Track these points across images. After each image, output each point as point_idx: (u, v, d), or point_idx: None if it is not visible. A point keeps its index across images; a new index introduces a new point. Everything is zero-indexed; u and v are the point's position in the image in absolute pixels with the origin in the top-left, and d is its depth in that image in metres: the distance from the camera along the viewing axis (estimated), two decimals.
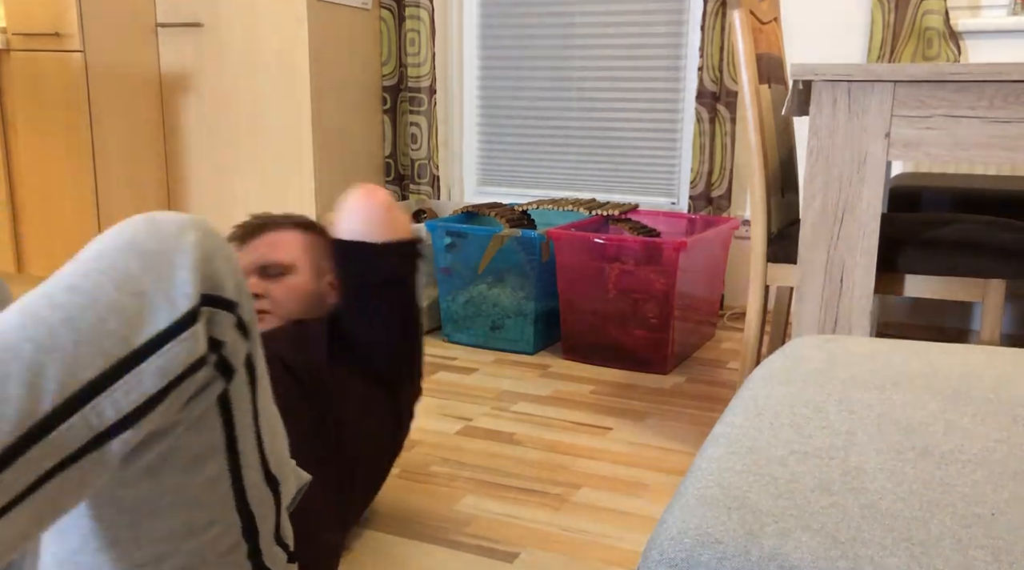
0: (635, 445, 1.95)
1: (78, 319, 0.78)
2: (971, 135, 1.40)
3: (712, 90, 2.89)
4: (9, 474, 0.72)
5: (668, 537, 0.69)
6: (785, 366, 1.04)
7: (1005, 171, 2.67)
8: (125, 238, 0.84)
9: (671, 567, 0.67)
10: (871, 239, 1.50)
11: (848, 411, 0.88)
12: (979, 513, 0.68)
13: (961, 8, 2.72)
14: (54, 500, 0.76)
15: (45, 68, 2.90)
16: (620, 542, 1.54)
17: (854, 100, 1.46)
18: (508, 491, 1.73)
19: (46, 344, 0.76)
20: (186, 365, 0.81)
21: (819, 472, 0.75)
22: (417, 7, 3.24)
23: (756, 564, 0.65)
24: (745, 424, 0.87)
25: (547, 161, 3.37)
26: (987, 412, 0.87)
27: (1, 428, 0.72)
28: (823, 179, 1.50)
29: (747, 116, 1.71)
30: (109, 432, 0.77)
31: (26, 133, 2.99)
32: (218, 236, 0.88)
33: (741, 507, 0.71)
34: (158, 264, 0.82)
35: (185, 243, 0.84)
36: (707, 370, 2.50)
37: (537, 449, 1.93)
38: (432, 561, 1.47)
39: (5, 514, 0.73)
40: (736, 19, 1.67)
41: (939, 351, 1.08)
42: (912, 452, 0.78)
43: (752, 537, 0.67)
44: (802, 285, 1.55)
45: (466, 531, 1.57)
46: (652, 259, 2.39)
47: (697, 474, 0.78)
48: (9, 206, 3.10)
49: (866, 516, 0.69)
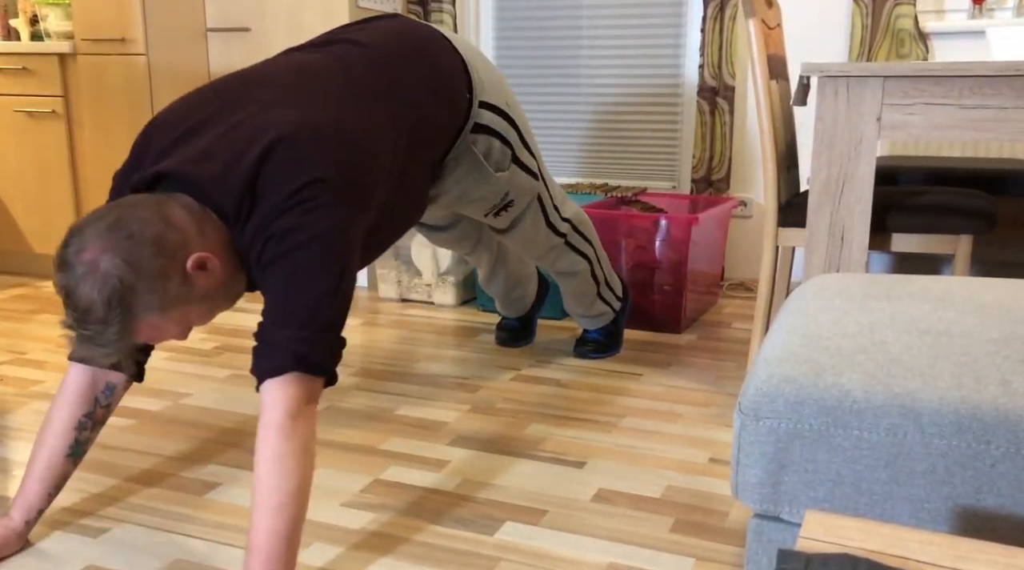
0: (664, 386, 2.31)
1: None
2: (946, 119, 1.76)
3: (712, 85, 3.25)
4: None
5: (759, 380, 1.04)
6: (813, 291, 1.39)
7: (968, 152, 3.06)
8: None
9: (763, 395, 1.02)
10: (866, 204, 1.86)
11: (867, 312, 1.23)
12: (965, 360, 1.04)
13: (928, 12, 3.09)
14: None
15: (111, 70, 3.21)
16: (666, 454, 1.89)
17: (851, 92, 1.81)
18: (566, 420, 2.07)
19: None
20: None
21: (855, 343, 1.11)
22: (440, 11, 3.57)
23: (822, 390, 1.00)
24: (795, 321, 1.22)
25: (560, 150, 3.72)
26: (965, 310, 1.23)
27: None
28: (827, 156, 1.86)
29: (760, 106, 2.06)
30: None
31: (91, 130, 3.29)
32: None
33: (806, 361, 1.06)
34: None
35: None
36: (715, 330, 2.86)
37: (582, 390, 2.28)
38: (518, 468, 1.82)
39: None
40: (751, 26, 2.02)
41: (926, 279, 1.43)
42: (917, 331, 1.14)
43: (817, 376, 1.02)
44: (810, 242, 1.91)
45: (539, 447, 1.92)
46: (668, 233, 2.74)
47: (769, 348, 1.13)
48: (73, 196, 3.39)
49: (891, 363, 1.04)
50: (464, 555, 1.49)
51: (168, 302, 1.31)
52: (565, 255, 2.29)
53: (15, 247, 3.57)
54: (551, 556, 1.49)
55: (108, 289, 1.25)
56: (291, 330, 1.33)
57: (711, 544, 1.53)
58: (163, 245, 1.29)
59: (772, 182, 2.08)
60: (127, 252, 1.26)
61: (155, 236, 1.29)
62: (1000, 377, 0.99)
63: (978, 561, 0.69)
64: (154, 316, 1.31)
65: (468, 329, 2.85)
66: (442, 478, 1.78)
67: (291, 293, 1.34)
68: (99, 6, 3.18)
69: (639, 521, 1.60)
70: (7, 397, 2.24)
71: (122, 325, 1.28)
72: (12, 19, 3.64)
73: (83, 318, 1.26)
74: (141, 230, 1.28)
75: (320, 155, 1.38)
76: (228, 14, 3.36)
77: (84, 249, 1.26)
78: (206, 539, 1.55)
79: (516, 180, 2.01)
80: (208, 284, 1.37)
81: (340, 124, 1.45)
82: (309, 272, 1.34)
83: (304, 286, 1.33)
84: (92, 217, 1.30)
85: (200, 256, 1.33)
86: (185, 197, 1.36)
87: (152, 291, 1.29)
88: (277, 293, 1.34)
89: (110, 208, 1.31)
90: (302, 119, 1.41)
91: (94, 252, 1.26)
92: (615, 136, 3.61)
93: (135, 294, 1.27)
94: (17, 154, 3.45)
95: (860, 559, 0.68)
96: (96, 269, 1.25)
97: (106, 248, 1.26)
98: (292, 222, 1.33)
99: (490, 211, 2.06)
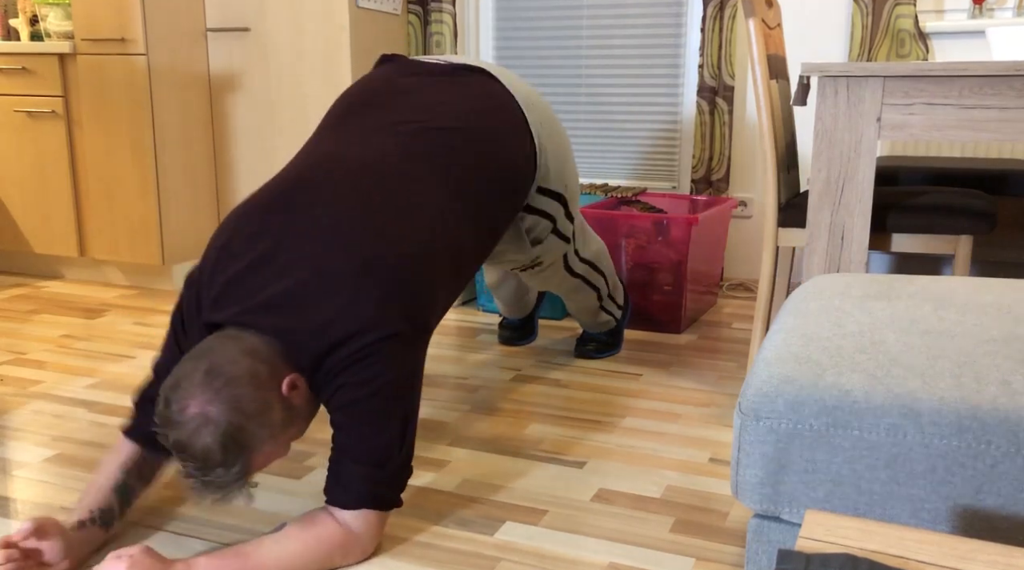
0: (664, 386, 2.31)
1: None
2: (945, 119, 1.76)
3: (711, 85, 3.25)
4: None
5: (759, 380, 1.04)
6: (812, 291, 1.39)
7: (968, 152, 3.06)
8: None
9: (763, 395, 1.02)
10: (866, 204, 1.86)
11: (866, 312, 1.23)
12: (965, 360, 1.04)
13: (928, 12, 3.09)
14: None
15: (111, 70, 3.20)
16: (666, 454, 1.89)
17: (852, 92, 1.81)
18: (565, 420, 2.07)
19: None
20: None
21: (855, 343, 1.11)
22: (440, 12, 3.57)
23: (822, 390, 1.00)
24: (794, 322, 1.22)
25: None
26: (965, 310, 1.23)
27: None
28: (827, 156, 1.86)
29: (760, 106, 2.06)
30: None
31: (91, 129, 3.28)
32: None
33: (806, 362, 1.06)
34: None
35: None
36: (714, 329, 2.86)
37: (582, 390, 2.28)
38: (517, 467, 1.82)
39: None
40: (751, 26, 2.02)
41: (926, 279, 1.43)
42: (916, 331, 1.14)
43: (817, 376, 1.02)
44: (811, 242, 1.91)
45: (539, 447, 1.92)
46: (668, 233, 2.74)
47: (769, 348, 1.13)
48: (73, 196, 3.39)
49: (891, 363, 1.04)
50: (464, 555, 1.49)
51: (276, 430, 1.38)
52: (577, 289, 2.33)
53: (15, 247, 3.57)
54: (551, 556, 1.49)
55: (221, 435, 1.30)
56: (366, 469, 1.43)
57: (711, 544, 1.53)
58: (259, 379, 1.35)
59: (772, 182, 2.08)
60: (229, 396, 1.32)
61: (249, 373, 1.34)
62: (1000, 377, 0.99)
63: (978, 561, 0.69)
64: (268, 447, 1.38)
65: (468, 329, 2.85)
66: (442, 478, 1.78)
67: (364, 436, 1.42)
68: (99, 6, 3.17)
69: (639, 521, 1.60)
70: (7, 397, 2.24)
71: (241, 463, 1.34)
72: (12, 19, 3.64)
73: (204, 467, 1.31)
74: (234, 372, 1.33)
75: (391, 304, 1.42)
76: (228, 14, 3.36)
77: (187, 406, 1.31)
78: (206, 539, 1.55)
79: (549, 246, 2.06)
80: (303, 401, 1.43)
81: (408, 256, 1.47)
82: (381, 416, 1.42)
83: (376, 431, 1.42)
84: (184, 371, 1.34)
85: (292, 378, 1.39)
86: (258, 333, 1.41)
87: (261, 426, 1.35)
88: (350, 432, 1.43)
89: (196, 357, 1.35)
90: (371, 262, 1.43)
91: (199, 406, 1.31)
92: (615, 136, 3.61)
93: (247, 433, 1.33)
94: (17, 154, 3.45)
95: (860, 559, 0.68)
96: (207, 421, 1.30)
97: (210, 399, 1.31)
98: (364, 374, 1.40)
99: (516, 267, 2.12)
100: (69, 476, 1.79)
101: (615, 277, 2.47)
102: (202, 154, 3.45)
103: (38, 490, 1.73)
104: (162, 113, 3.24)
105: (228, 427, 1.30)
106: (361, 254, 1.43)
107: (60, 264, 3.60)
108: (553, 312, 2.96)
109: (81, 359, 2.54)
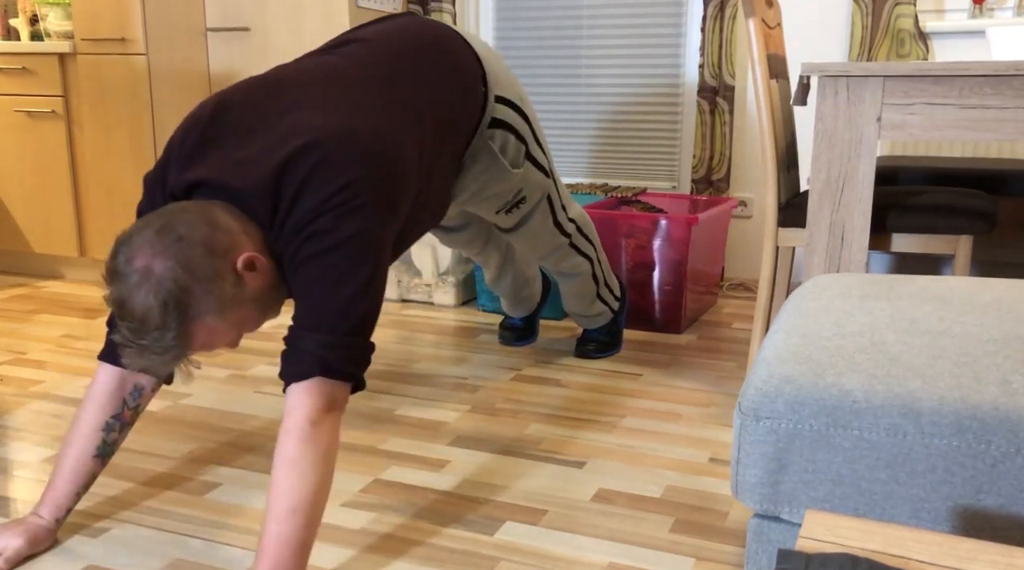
0: (664, 386, 2.31)
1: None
2: (945, 119, 1.76)
3: (712, 85, 3.25)
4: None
5: (759, 380, 1.04)
6: (813, 291, 1.39)
7: (968, 152, 3.06)
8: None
9: (763, 395, 1.02)
10: (866, 204, 1.86)
11: (867, 312, 1.23)
12: (965, 360, 1.04)
13: (928, 12, 3.09)
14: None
15: (111, 70, 3.20)
16: (667, 453, 1.89)
17: (852, 91, 1.81)
18: (565, 420, 2.07)
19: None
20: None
21: (855, 343, 1.11)
22: (440, 12, 3.57)
23: (822, 390, 1.00)
24: (795, 322, 1.22)
25: (560, 150, 3.72)
26: (965, 310, 1.23)
27: None
28: (827, 156, 1.86)
29: (760, 106, 2.06)
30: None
31: (91, 129, 3.28)
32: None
33: (806, 362, 1.06)
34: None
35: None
36: (714, 330, 2.86)
37: (582, 390, 2.27)
38: (517, 467, 1.82)
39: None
40: (751, 26, 2.02)
41: (926, 279, 1.43)
42: (916, 331, 1.14)
43: (817, 376, 1.02)
44: (811, 242, 1.91)
45: (539, 447, 1.92)
46: (668, 233, 2.74)
47: (769, 348, 1.13)
48: (73, 196, 3.39)
49: (890, 363, 1.04)
50: (464, 555, 1.49)
51: (224, 303, 1.31)
52: (569, 256, 2.30)
53: (15, 247, 3.57)
54: (551, 556, 1.49)
55: (164, 293, 1.25)
56: (319, 335, 1.33)
57: (711, 544, 1.53)
58: (213, 246, 1.29)
59: (772, 182, 2.08)
60: (179, 255, 1.26)
61: (204, 238, 1.29)
62: (1000, 377, 0.99)
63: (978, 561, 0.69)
64: (211, 319, 1.31)
65: (468, 329, 2.85)
66: (442, 478, 1.78)
67: (320, 296, 1.34)
68: (99, 6, 3.17)
69: (639, 521, 1.60)
70: (7, 397, 2.24)
71: (180, 329, 1.28)
72: (12, 19, 3.64)
73: (140, 327, 1.26)
74: (190, 233, 1.28)
75: (353, 159, 1.38)
76: (228, 14, 3.36)
77: (134, 257, 1.26)
78: (206, 539, 1.55)
79: (529, 176, 2.03)
80: (259, 285, 1.37)
81: (371, 128, 1.45)
82: (339, 274, 1.34)
83: (333, 288, 1.34)
84: (137, 226, 1.30)
85: (249, 255, 1.34)
86: (224, 203, 1.37)
87: (208, 292, 1.29)
88: (307, 295, 1.35)
89: (154, 216, 1.31)
90: (333, 123, 1.41)
91: (145, 258, 1.25)
92: (615, 136, 3.60)
93: (191, 296, 1.27)
94: (17, 154, 3.45)
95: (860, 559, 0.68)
96: (150, 274, 1.25)
97: (157, 253, 1.25)
98: (326, 224, 1.34)
99: (502, 208, 2.07)
100: None
101: (604, 255, 2.46)
102: None
103: (38, 490, 1.73)
104: (162, 113, 3.24)
105: (171, 285, 1.25)
106: (323, 119, 1.41)
107: (60, 264, 3.60)
108: (553, 312, 2.96)
109: (81, 359, 2.54)
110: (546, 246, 2.25)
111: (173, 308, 1.26)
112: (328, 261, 1.34)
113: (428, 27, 1.80)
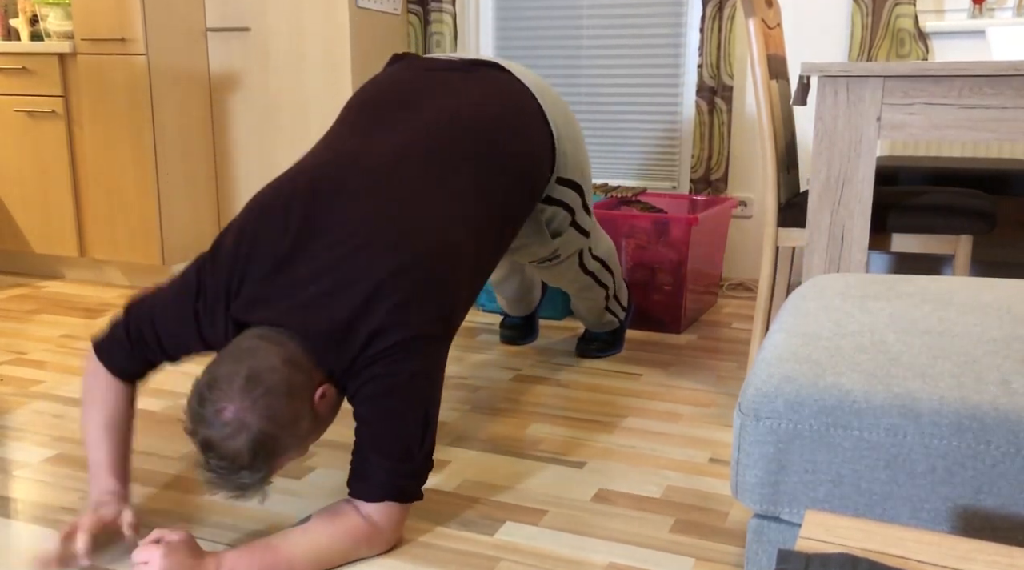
0: (665, 386, 2.31)
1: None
2: (945, 119, 1.76)
3: (711, 85, 3.25)
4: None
5: (759, 380, 1.04)
6: (812, 291, 1.39)
7: (968, 152, 3.06)
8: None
9: (763, 395, 1.02)
10: (866, 204, 1.86)
11: (867, 312, 1.23)
12: (965, 360, 1.04)
13: (928, 12, 3.09)
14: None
15: (111, 70, 3.20)
16: (667, 454, 1.89)
17: (851, 91, 1.81)
18: (566, 420, 2.07)
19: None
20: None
21: (855, 342, 1.11)
22: (440, 12, 3.57)
23: (822, 390, 1.00)
24: (795, 321, 1.22)
25: None
26: (965, 310, 1.23)
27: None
28: (827, 156, 1.86)
29: (760, 106, 2.06)
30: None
31: (91, 130, 3.28)
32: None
33: (806, 361, 1.06)
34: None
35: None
36: (714, 329, 2.86)
37: (582, 390, 2.27)
38: (517, 467, 1.82)
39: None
40: (751, 26, 2.02)
41: (926, 279, 1.43)
42: (916, 331, 1.14)
43: (817, 376, 1.02)
44: (811, 242, 1.91)
45: (539, 447, 1.92)
46: (668, 233, 2.74)
47: (769, 348, 1.13)
48: (73, 196, 3.39)
49: (890, 363, 1.04)
50: (464, 555, 1.49)
51: (303, 439, 1.41)
52: (588, 287, 2.34)
53: (15, 247, 3.57)
54: (551, 556, 1.49)
55: (254, 443, 1.32)
56: (389, 462, 1.45)
57: (711, 544, 1.53)
58: (294, 390, 1.37)
59: (772, 182, 2.08)
60: (266, 406, 1.33)
61: (287, 384, 1.36)
62: (1000, 377, 0.99)
63: (978, 561, 0.69)
64: (293, 453, 1.41)
65: (468, 329, 2.85)
66: (442, 478, 1.78)
67: (388, 430, 1.45)
68: (99, 6, 3.17)
69: (639, 521, 1.60)
70: (7, 397, 2.24)
71: (267, 471, 1.36)
72: (12, 19, 3.64)
73: (229, 467, 1.33)
74: (273, 381, 1.34)
75: (422, 299, 1.44)
76: (228, 14, 3.36)
77: (223, 410, 1.32)
78: (206, 539, 1.55)
79: (568, 239, 2.08)
80: (327, 409, 1.46)
81: (436, 244, 1.49)
82: (405, 412, 1.44)
83: (400, 425, 1.45)
84: (221, 371, 1.34)
85: (324, 388, 1.42)
86: (295, 334, 1.43)
87: (292, 435, 1.37)
88: (374, 426, 1.45)
89: (238, 361, 1.35)
90: (400, 254, 1.45)
91: (236, 412, 1.32)
92: (615, 136, 3.61)
93: (278, 442, 1.35)
94: (17, 154, 3.45)
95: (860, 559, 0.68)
96: (242, 428, 1.31)
97: (248, 407, 1.32)
98: (391, 370, 1.43)
99: (533, 261, 2.13)
100: (69, 476, 1.79)
101: (622, 278, 2.48)
102: (202, 154, 3.45)
103: (38, 490, 1.73)
104: (162, 113, 3.24)
105: (261, 436, 1.32)
106: (391, 255, 1.44)
107: (60, 264, 3.60)
108: (553, 312, 2.96)
109: (81, 359, 2.54)
110: (568, 282, 2.29)
111: (262, 454, 1.34)
112: (394, 400, 1.44)
113: (516, 98, 1.80)
